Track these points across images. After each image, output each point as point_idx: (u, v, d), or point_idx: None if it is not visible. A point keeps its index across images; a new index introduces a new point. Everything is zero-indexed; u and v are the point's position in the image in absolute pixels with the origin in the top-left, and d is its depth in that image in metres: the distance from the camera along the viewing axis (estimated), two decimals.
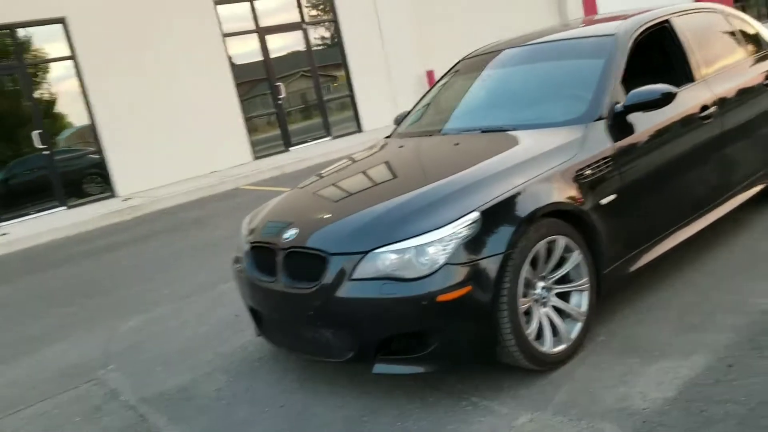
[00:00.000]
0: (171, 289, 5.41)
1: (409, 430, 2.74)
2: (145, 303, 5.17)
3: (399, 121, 4.77)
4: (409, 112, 4.75)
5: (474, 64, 4.66)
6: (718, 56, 4.27)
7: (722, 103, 3.99)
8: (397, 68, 13.80)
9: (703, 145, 3.85)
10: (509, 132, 3.64)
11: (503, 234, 2.85)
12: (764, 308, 3.16)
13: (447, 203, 2.94)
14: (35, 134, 10.37)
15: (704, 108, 3.88)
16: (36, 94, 10.67)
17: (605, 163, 3.29)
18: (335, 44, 13.63)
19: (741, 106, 4.15)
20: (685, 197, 3.79)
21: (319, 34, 13.68)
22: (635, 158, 3.43)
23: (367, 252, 2.86)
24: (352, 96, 13.68)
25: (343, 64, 13.62)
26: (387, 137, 4.52)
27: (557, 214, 3.06)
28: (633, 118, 3.50)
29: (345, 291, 2.86)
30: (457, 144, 3.74)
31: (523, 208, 2.93)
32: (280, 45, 13.17)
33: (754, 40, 4.62)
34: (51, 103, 10.91)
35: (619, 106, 3.47)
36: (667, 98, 3.41)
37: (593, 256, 3.20)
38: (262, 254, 3.29)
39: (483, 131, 3.80)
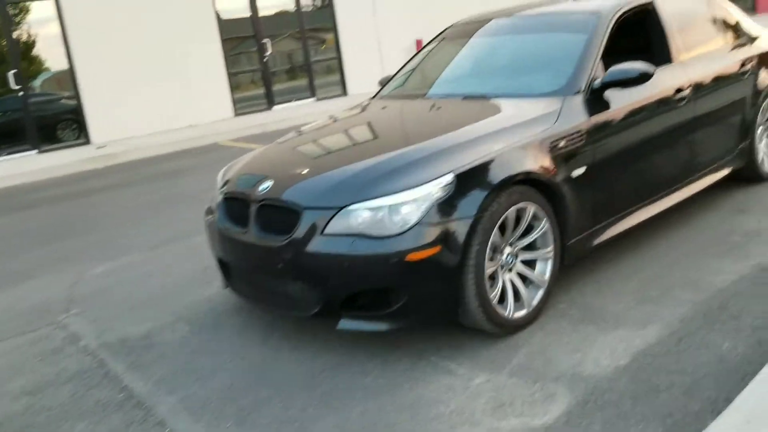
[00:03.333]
0: (143, 238, 5.41)
1: (368, 387, 2.80)
2: (115, 250, 5.16)
3: (384, 83, 4.77)
4: (394, 75, 4.75)
5: (461, 31, 4.67)
6: (698, 41, 4.33)
7: (697, 87, 4.06)
8: (387, 34, 13.69)
9: (675, 126, 3.92)
10: (490, 100, 3.68)
11: (475, 198, 2.90)
12: (721, 286, 3.27)
13: (423, 165, 2.97)
14: (11, 74, 10.17)
15: (679, 90, 3.94)
16: (15, 35, 10.43)
17: (579, 136, 3.35)
18: (326, 6, 13.46)
19: (715, 92, 4.23)
20: (653, 175, 3.88)
21: None
22: (608, 134, 3.49)
23: (340, 208, 2.89)
24: (339, 59, 13.56)
25: (332, 27, 13.47)
26: (371, 98, 4.52)
27: (529, 182, 3.12)
28: (610, 94, 3.55)
29: (316, 245, 2.90)
30: (439, 108, 3.77)
31: (497, 174, 2.98)
32: (270, 3, 12.98)
33: (735, 28, 4.69)
34: (30, 44, 10.68)
35: (597, 82, 3.51)
36: (644, 77, 3.46)
37: (560, 226, 3.27)
38: (235, 205, 3.31)
39: (465, 98, 3.83)
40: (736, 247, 3.72)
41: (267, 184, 3.17)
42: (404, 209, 2.83)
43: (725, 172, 4.47)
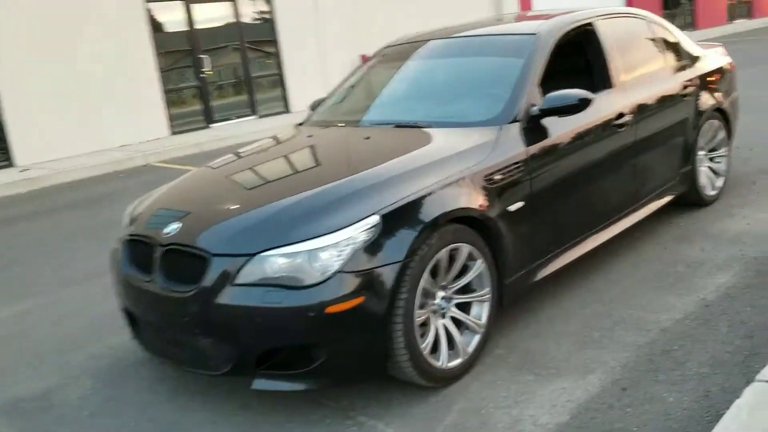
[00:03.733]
0: (59, 275, 4.98)
1: None
2: (25, 289, 4.73)
3: (314, 107, 4.51)
4: (324, 99, 4.49)
5: (396, 53, 4.45)
6: (638, 63, 4.21)
7: (638, 111, 3.92)
8: (331, 50, 13.44)
9: (615, 153, 3.77)
10: (423, 129, 3.44)
11: (404, 240, 2.65)
12: (666, 325, 3.09)
13: (346, 204, 2.71)
14: None
15: (620, 115, 3.79)
16: None
17: (516, 168, 3.14)
18: (267, 20, 13.14)
19: (656, 115, 4.10)
20: (596, 205, 3.71)
21: (250, 8, 13.13)
22: (547, 164, 3.30)
23: (253, 254, 2.60)
24: (281, 75, 13.22)
25: (274, 41, 13.14)
26: (298, 125, 4.24)
27: (463, 220, 2.89)
28: (548, 122, 3.37)
29: (226, 297, 2.59)
30: (368, 138, 3.50)
31: (427, 213, 2.74)
32: (208, 16, 12.57)
33: (675, 49, 4.59)
34: None
35: (535, 109, 3.32)
36: (583, 104, 3.28)
37: (497, 265, 3.05)
38: (140, 249, 2.97)
39: (397, 126, 3.58)
40: (680, 280, 3.57)
41: (174, 227, 2.85)
42: (324, 255, 2.56)
43: (668, 198, 4.35)
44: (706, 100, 4.59)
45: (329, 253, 2.56)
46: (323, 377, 2.62)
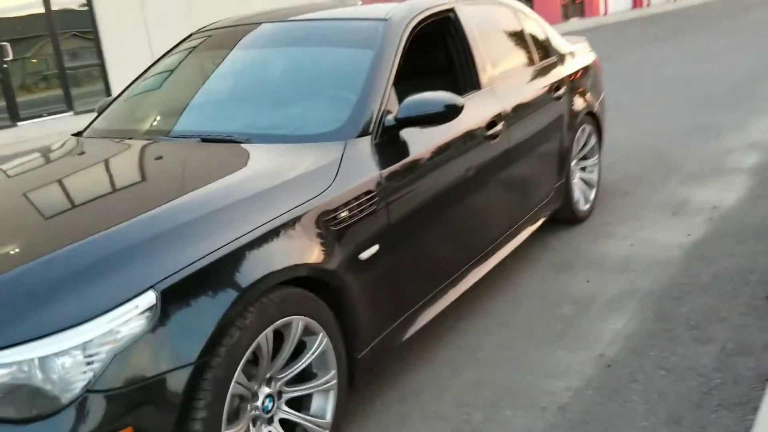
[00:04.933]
0: None
1: None
2: None
3: (102, 110, 3.39)
4: (116, 98, 3.39)
5: (214, 40, 3.43)
6: (507, 60, 3.54)
7: (510, 116, 3.24)
8: (159, 34, 11.93)
9: (488, 169, 3.05)
10: (241, 144, 2.49)
11: (199, 328, 1.72)
12: (563, 400, 2.39)
13: (105, 273, 1.70)
14: None
15: (492, 123, 3.07)
16: None
17: (368, 199, 2.29)
18: (84, 4, 11.40)
19: (529, 122, 3.44)
20: (468, 236, 2.97)
21: None
22: (407, 190, 2.49)
23: None
24: (102, 65, 11.57)
25: (92, 28, 11.44)
26: (77, 134, 3.12)
27: (294, 281, 2.00)
28: (407, 134, 2.56)
29: None
30: (159, 158, 2.48)
31: (237, 280, 1.82)
32: (12, 3, 10.69)
33: (544, 44, 3.98)
34: None
35: (390, 118, 2.50)
36: (451, 111, 2.50)
37: (345, 335, 2.20)
38: None
39: (204, 140, 2.59)
40: (570, 326, 2.92)
41: None
42: (64, 363, 1.57)
43: (545, 216, 3.74)
44: (579, 102, 4.03)
45: (72, 359, 1.57)
46: None
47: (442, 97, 2.49)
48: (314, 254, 2.04)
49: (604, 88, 4.65)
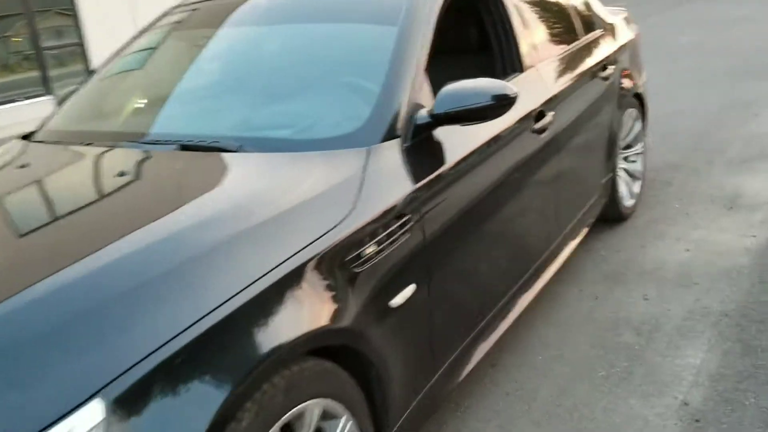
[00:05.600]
0: None
1: None
2: None
3: (62, 100, 2.79)
4: (77, 89, 2.78)
5: (201, 14, 2.81)
6: (549, 34, 2.95)
7: (558, 104, 2.67)
8: (145, 13, 11.20)
9: (536, 170, 2.49)
10: (229, 153, 1.90)
11: None
12: None
13: (31, 372, 1.14)
14: None
15: (540, 114, 2.50)
16: None
17: (401, 225, 1.73)
18: None
19: (576, 107, 2.87)
20: (515, 254, 2.42)
21: None
22: (447, 207, 1.93)
23: None
24: (82, 45, 10.85)
25: (71, 5, 10.71)
26: (25, 136, 2.52)
27: (307, 354, 1.45)
28: (443, 133, 1.99)
29: None
30: (122, 175, 1.88)
31: (225, 368, 1.26)
32: None
33: (587, 14, 3.39)
34: None
35: (423, 114, 1.92)
36: (502, 104, 1.92)
37: (374, 410, 1.66)
38: None
39: (182, 147, 2.00)
40: (636, 361, 2.39)
41: None
42: None
43: (593, 218, 3.19)
44: (626, 82, 3.46)
45: None
46: None
47: (490, 85, 1.91)
48: (331, 312, 1.48)
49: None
